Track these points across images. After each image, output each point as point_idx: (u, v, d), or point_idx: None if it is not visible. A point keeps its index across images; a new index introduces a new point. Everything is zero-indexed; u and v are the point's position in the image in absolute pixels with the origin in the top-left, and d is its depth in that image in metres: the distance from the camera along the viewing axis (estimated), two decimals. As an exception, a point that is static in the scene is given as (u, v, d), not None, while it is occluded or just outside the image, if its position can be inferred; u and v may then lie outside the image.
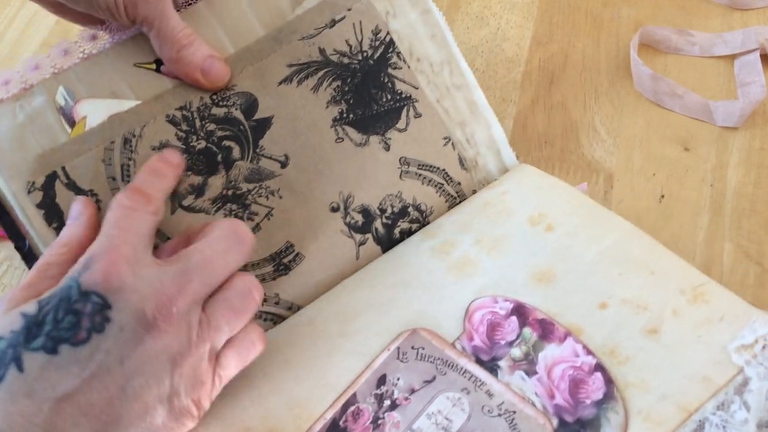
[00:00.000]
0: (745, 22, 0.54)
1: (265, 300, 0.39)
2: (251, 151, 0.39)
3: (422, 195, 0.42)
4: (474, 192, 0.44)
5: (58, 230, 0.36)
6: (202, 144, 0.39)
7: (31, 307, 0.30)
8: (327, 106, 0.40)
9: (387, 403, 0.35)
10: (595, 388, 0.34)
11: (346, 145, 0.41)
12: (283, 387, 0.36)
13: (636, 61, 0.51)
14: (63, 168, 0.36)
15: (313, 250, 0.40)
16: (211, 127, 0.39)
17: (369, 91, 0.41)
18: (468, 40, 0.56)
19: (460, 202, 0.44)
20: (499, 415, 0.34)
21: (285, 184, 0.40)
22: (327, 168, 0.40)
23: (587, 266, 0.38)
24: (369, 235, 0.41)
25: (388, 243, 0.42)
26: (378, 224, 0.41)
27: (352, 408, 0.35)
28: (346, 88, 0.41)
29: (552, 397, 0.34)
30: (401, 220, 0.42)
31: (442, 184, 0.43)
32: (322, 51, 0.40)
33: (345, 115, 0.41)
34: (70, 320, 0.29)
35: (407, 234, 0.42)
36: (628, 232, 0.39)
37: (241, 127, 0.39)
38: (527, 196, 0.42)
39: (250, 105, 0.39)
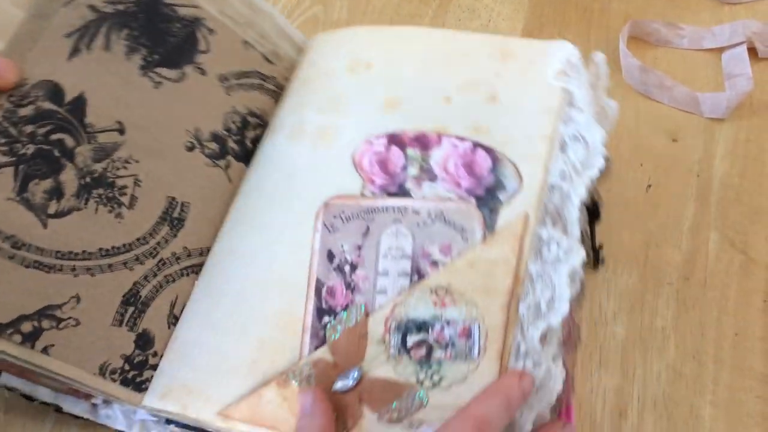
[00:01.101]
0: (733, 16, 0.55)
1: (177, 258, 0.39)
2: (83, 133, 0.37)
3: (251, 101, 0.44)
4: (287, 80, 0.46)
5: None
6: (31, 148, 0.35)
7: None
8: (128, 58, 0.39)
9: (347, 268, 0.38)
10: (483, 161, 0.40)
11: (168, 86, 0.40)
12: (254, 311, 0.38)
13: (625, 53, 0.52)
14: None
15: (193, 193, 0.40)
16: (30, 129, 0.35)
17: (157, 27, 0.40)
18: (460, 32, 0.55)
19: (281, 93, 0.46)
20: (433, 221, 0.39)
21: (134, 148, 0.38)
22: (162, 115, 0.40)
23: (417, 78, 0.43)
24: (229, 157, 0.42)
25: (246, 155, 0.43)
26: (231, 143, 0.42)
27: (324, 289, 0.38)
28: (136, 33, 0.39)
29: (459, 185, 0.40)
30: (247, 131, 0.43)
31: (262, 84, 0.45)
32: (92, 8, 0.38)
33: (149, 59, 0.40)
34: None
35: (258, 140, 0.44)
36: (428, 34, 0.45)
37: (59, 115, 0.36)
38: (333, 55, 0.46)
39: (55, 91, 0.36)
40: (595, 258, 0.46)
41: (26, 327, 0.33)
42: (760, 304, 0.44)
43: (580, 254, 0.36)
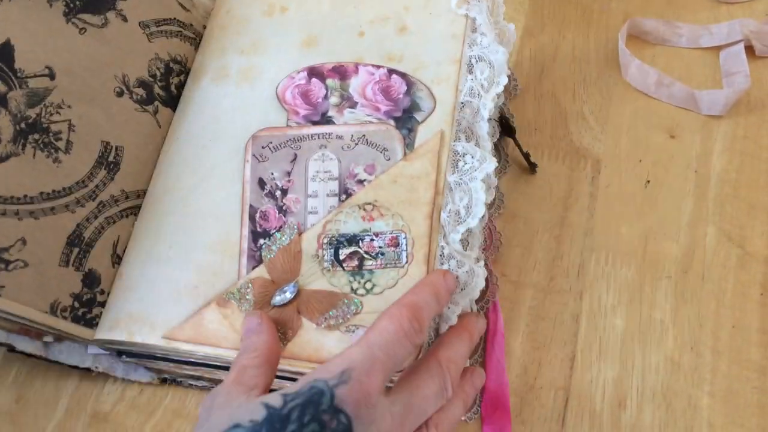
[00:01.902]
0: (731, 15, 0.56)
1: (116, 200, 0.41)
2: (14, 78, 0.38)
3: (173, 48, 0.46)
4: (204, 27, 0.48)
5: None
6: (-38, 98, 0.36)
7: (275, 400, 0.29)
8: (50, 5, 0.40)
9: (278, 193, 0.41)
10: (398, 85, 0.43)
11: (92, 32, 0.41)
12: (193, 241, 0.40)
13: (624, 52, 0.53)
14: None
15: (126, 137, 0.42)
16: (-42, 79, 0.37)
17: (74, -26, 0.41)
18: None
19: (200, 40, 0.48)
20: (357, 144, 0.42)
21: (66, 93, 0.40)
22: (90, 61, 0.41)
23: (330, 17, 0.46)
24: (157, 103, 0.44)
25: (172, 101, 0.45)
26: (157, 89, 0.44)
27: (257, 214, 0.40)
28: (55, -19, 0.41)
29: (378, 109, 0.42)
30: (171, 77, 0.45)
31: (181, 31, 0.46)
32: (8, -40, 0.39)
33: (72, 5, 0.41)
34: (314, 428, 0.28)
35: (182, 86, 0.46)
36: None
37: None
38: (248, 2, 0.48)
39: (-20, 40, 0.38)
40: (529, 164, 0.49)
41: (-26, 270, 0.35)
42: (757, 296, 0.45)
43: (492, 163, 0.39)
